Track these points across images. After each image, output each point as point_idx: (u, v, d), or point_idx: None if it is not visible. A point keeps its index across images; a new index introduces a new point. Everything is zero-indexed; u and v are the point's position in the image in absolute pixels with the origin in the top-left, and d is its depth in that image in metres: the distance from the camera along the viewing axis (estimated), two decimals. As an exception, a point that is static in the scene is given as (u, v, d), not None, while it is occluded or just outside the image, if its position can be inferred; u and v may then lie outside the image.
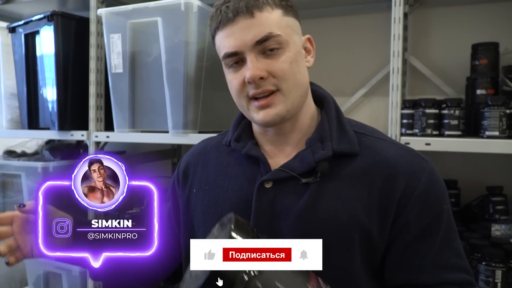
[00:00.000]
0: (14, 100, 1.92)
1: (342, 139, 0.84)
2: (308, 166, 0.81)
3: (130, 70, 1.55)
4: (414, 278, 0.79)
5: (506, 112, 1.24)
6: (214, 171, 0.92)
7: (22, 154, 1.97)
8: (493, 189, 1.54)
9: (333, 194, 0.80)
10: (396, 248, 0.80)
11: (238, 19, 0.77)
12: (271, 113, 0.79)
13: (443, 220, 0.80)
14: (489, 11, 1.68)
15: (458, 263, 0.81)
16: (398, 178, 0.79)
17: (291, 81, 0.80)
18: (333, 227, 0.77)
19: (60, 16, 1.63)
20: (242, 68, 0.80)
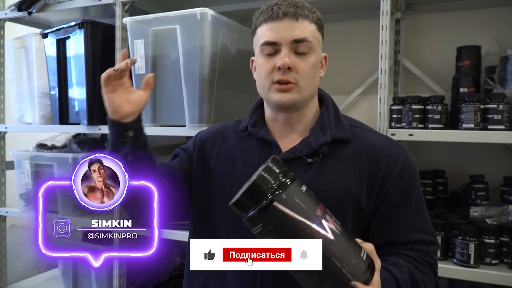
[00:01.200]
0: (46, 99, 2.12)
1: (339, 128, 1.03)
2: (312, 149, 1.00)
3: (152, 71, 1.74)
4: (392, 237, 1.00)
5: (480, 107, 1.43)
6: (233, 149, 1.08)
7: (52, 147, 2.18)
8: (475, 177, 1.71)
9: (332, 172, 0.99)
10: (379, 214, 1.00)
11: (285, 19, 0.96)
12: (286, 97, 0.97)
13: (415, 193, 1.01)
14: (474, 17, 1.86)
15: (425, 227, 1.02)
16: (382, 160, 0.99)
17: (307, 81, 0.99)
18: (331, 197, 0.95)
19: (90, 23, 1.84)
20: (274, 57, 0.98)
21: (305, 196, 0.79)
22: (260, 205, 0.77)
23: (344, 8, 2.00)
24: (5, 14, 2.13)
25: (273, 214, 0.76)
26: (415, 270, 0.95)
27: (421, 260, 0.97)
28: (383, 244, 0.99)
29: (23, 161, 2.09)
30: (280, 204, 0.76)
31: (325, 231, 0.76)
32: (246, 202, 0.79)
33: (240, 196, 0.80)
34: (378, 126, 1.45)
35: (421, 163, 1.97)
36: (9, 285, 2.24)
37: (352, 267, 0.76)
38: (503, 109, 1.39)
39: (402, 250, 0.98)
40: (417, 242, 0.99)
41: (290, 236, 0.77)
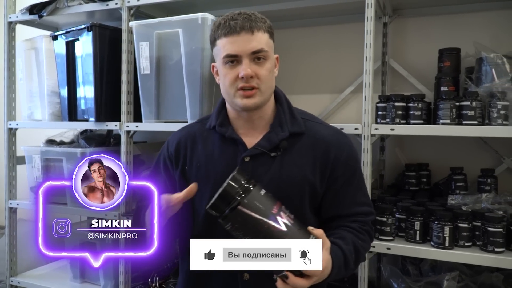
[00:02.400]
0: (55, 97, 2.25)
1: (294, 123, 1.21)
2: (274, 144, 1.18)
3: (156, 72, 1.88)
4: (339, 211, 1.21)
5: (456, 104, 1.57)
6: (202, 151, 1.24)
7: (61, 143, 2.30)
8: (455, 169, 1.86)
9: (291, 163, 1.18)
10: (329, 193, 1.21)
11: (242, 32, 1.11)
12: (251, 101, 1.14)
13: (356, 174, 1.24)
14: (455, 22, 2.01)
15: (365, 200, 1.25)
16: (331, 150, 1.20)
17: (267, 84, 1.15)
18: (291, 184, 1.16)
19: (98, 27, 1.97)
20: (236, 67, 1.13)
21: (263, 199, 0.99)
22: (228, 208, 0.97)
23: (336, 12, 2.13)
24: (17, 17, 2.26)
25: (238, 215, 0.96)
26: (357, 239, 1.15)
27: (361, 229, 1.19)
28: (332, 216, 1.22)
29: (33, 156, 2.22)
30: (243, 207, 0.96)
31: (279, 225, 0.96)
32: (218, 205, 0.98)
33: (214, 200, 0.98)
34: (363, 121, 1.58)
35: (407, 157, 2.11)
36: (19, 274, 2.37)
37: None
38: (476, 106, 1.54)
39: (347, 222, 1.19)
40: (358, 214, 1.21)
41: (253, 231, 0.96)
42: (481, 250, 1.51)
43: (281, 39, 2.29)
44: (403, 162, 2.09)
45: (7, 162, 2.31)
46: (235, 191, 0.97)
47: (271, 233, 0.96)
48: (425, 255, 1.55)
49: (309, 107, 1.46)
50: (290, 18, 2.25)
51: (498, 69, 1.64)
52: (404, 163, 2.04)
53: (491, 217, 1.50)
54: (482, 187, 1.80)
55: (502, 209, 1.60)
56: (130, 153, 2.02)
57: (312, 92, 2.29)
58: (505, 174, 1.93)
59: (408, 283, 1.65)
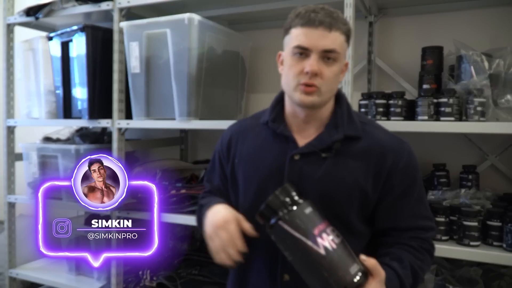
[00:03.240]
0: (51, 96, 2.32)
1: (351, 126, 1.14)
2: (326, 144, 1.11)
3: (146, 71, 1.94)
4: (396, 224, 1.13)
5: (433, 101, 1.60)
6: (253, 145, 1.20)
7: (57, 140, 2.38)
8: (438, 166, 1.89)
9: (343, 165, 1.10)
10: (385, 203, 1.12)
11: (320, 27, 1.05)
12: (309, 99, 1.07)
13: (417, 184, 1.14)
14: (439, 20, 2.04)
15: (426, 214, 1.16)
16: (388, 156, 1.11)
17: (329, 87, 1.09)
18: (341, 188, 1.09)
19: (90, 28, 2.04)
20: (304, 60, 1.06)
21: (307, 217, 0.96)
22: (270, 220, 0.97)
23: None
24: (15, 18, 2.34)
25: (279, 230, 0.96)
26: (415, 259, 1.08)
27: (420, 248, 1.11)
28: (388, 229, 1.14)
29: (30, 152, 2.29)
30: (284, 223, 0.95)
31: (317, 247, 0.93)
32: (263, 215, 0.99)
33: (261, 209, 0.99)
34: (342, 118, 1.63)
35: (393, 154, 2.14)
36: (18, 266, 2.44)
37: (338, 278, 0.92)
38: (453, 102, 1.57)
39: (405, 239, 1.11)
40: (418, 229, 1.13)
41: (291, 248, 0.96)
42: (457, 244, 1.55)
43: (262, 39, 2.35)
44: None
45: (6, 159, 2.38)
46: (280, 204, 0.97)
47: (308, 254, 0.93)
48: (403, 248, 1.58)
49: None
50: (278, 18, 2.30)
51: (477, 67, 1.67)
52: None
53: (467, 211, 1.53)
54: (463, 183, 1.83)
55: (480, 204, 1.63)
56: (122, 150, 2.08)
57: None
58: (489, 171, 1.96)
59: (387, 276, 1.69)
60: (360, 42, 2.16)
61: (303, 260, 0.95)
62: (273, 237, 0.98)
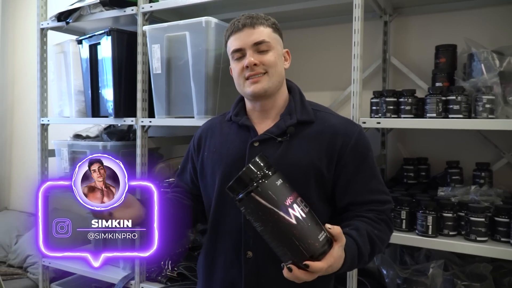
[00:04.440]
0: (81, 96, 2.46)
1: (303, 112, 1.26)
2: (281, 129, 1.23)
3: (166, 71, 2.04)
4: (353, 199, 1.22)
5: (442, 99, 1.63)
6: (219, 139, 1.34)
7: (87, 137, 2.52)
8: (451, 163, 1.91)
9: (298, 147, 1.22)
10: (340, 181, 1.22)
11: (244, 29, 1.22)
12: (258, 87, 1.21)
13: (369, 161, 1.24)
14: (453, 19, 2.06)
15: (380, 188, 1.24)
16: (338, 137, 1.22)
17: (274, 69, 1.22)
18: (297, 168, 1.19)
19: (116, 31, 2.16)
20: (242, 60, 1.23)
21: (278, 189, 0.99)
22: (242, 192, 0.99)
23: (339, 12, 2.22)
24: (47, 23, 2.49)
25: (251, 201, 0.98)
26: (372, 229, 1.15)
27: (377, 219, 1.18)
28: (347, 205, 1.23)
29: (62, 149, 2.44)
30: (256, 194, 0.98)
31: (289, 217, 0.96)
32: (235, 188, 1.01)
33: (232, 182, 1.01)
34: (352, 115, 1.67)
35: (409, 152, 2.17)
36: (51, 256, 2.60)
37: (308, 245, 0.97)
38: (461, 100, 1.59)
39: (362, 211, 1.19)
40: (373, 202, 1.21)
41: (262, 219, 0.98)
42: (465, 239, 1.57)
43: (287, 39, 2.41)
44: (404, 156, 2.15)
45: (40, 155, 2.54)
46: (252, 176, 0.99)
47: (279, 224, 0.96)
48: (411, 242, 1.62)
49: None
50: (296, 19, 2.37)
51: (487, 64, 1.69)
52: (403, 157, 2.10)
53: (474, 207, 1.55)
54: (476, 181, 1.85)
55: (489, 200, 1.65)
56: (145, 146, 2.19)
57: (315, 89, 2.39)
58: (505, 169, 1.96)
59: (396, 270, 1.73)
60: (375, 41, 2.20)
61: (274, 230, 0.98)
62: (244, 209, 1.00)
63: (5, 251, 3.11)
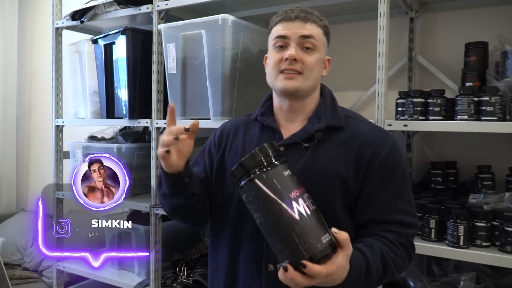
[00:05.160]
0: (96, 96, 2.42)
1: (333, 116, 1.17)
2: (308, 134, 1.14)
3: (182, 71, 1.97)
4: (374, 216, 1.12)
5: (474, 100, 1.53)
6: (243, 139, 1.24)
7: (102, 138, 2.48)
8: (482, 167, 1.80)
9: (324, 155, 1.12)
10: (364, 195, 1.12)
11: (296, 20, 1.13)
12: (291, 84, 1.12)
13: (398, 178, 1.13)
14: (484, 15, 1.94)
15: (406, 209, 1.12)
16: (369, 147, 1.12)
17: (311, 72, 1.14)
18: (323, 177, 1.10)
19: (131, 30, 2.10)
20: (283, 51, 1.13)
21: (284, 179, 0.92)
22: (245, 178, 0.93)
23: (364, 9, 2.12)
24: (62, 23, 2.45)
25: (253, 188, 0.91)
26: (388, 250, 1.04)
27: (396, 242, 1.07)
28: (367, 222, 1.12)
29: (76, 150, 2.40)
30: (260, 181, 0.91)
31: (292, 211, 0.89)
32: (238, 173, 0.96)
33: (235, 167, 0.96)
34: (376, 117, 1.58)
35: (436, 155, 2.06)
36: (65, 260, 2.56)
37: (308, 245, 0.88)
38: (495, 101, 1.48)
39: (381, 231, 1.08)
40: (396, 223, 1.09)
41: (263, 209, 0.90)
42: (499, 250, 1.46)
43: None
44: (431, 159, 2.04)
45: (55, 157, 2.51)
46: (257, 162, 0.93)
47: (280, 217, 0.89)
48: (440, 253, 1.52)
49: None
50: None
51: (524, 63, 1.58)
52: (431, 161, 1.99)
53: (510, 217, 1.44)
54: (510, 187, 1.72)
55: (526, 209, 1.54)
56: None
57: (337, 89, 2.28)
58: (541, 174, 1.84)
59: (424, 282, 1.63)
60: (401, 38, 2.09)
61: (274, 223, 0.90)
62: (245, 197, 0.93)
63: (21, 254, 3.10)
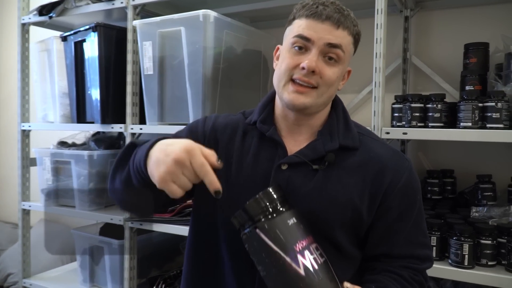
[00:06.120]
0: (66, 99, 2.22)
1: (347, 135, 1.01)
2: (319, 154, 0.98)
3: (159, 72, 1.80)
4: (389, 250, 1.00)
5: (478, 106, 1.40)
6: (238, 147, 1.04)
7: (72, 144, 2.29)
8: (482, 177, 1.68)
9: (336, 180, 0.97)
10: (378, 226, 0.99)
11: (326, 22, 0.93)
12: (300, 100, 0.94)
13: (416, 208, 1.01)
14: (484, 14, 1.82)
15: (423, 241, 1.02)
16: (386, 173, 0.98)
17: (328, 89, 0.96)
18: (333, 206, 0.96)
19: (103, 27, 1.92)
20: (302, 55, 0.94)
21: (289, 229, 0.82)
22: (247, 226, 0.83)
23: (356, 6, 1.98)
24: (29, 18, 2.25)
25: (255, 239, 0.82)
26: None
27: (412, 280, 0.97)
28: (380, 255, 1.01)
29: (44, 158, 2.20)
30: (262, 231, 0.81)
31: (297, 266, 0.79)
32: (239, 219, 0.85)
33: (237, 212, 0.85)
34: (373, 124, 1.44)
35: (431, 162, 1.94)
36: (32, 276, 2.37)
37: None
38: (502, 107, 1.36)
39: (396, 267, 0.98)
40: (412, 257, 1.00)
41: (265, 262, 0.81)
42: (506, 270, 1.34)
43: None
44: (426, 168, 1.92)
45: (20, 164, 2.31)
46: (261, 209, 0.83)
47: (283, 272, 0.79)
48: (443, 274, 1.38)
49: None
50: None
51: (530, 66, 1.46)
52: (427, 169, 1.87)
53: (518, 234, 1.32)
54: (512, 198, 1.61)
55: (533, 224, 1.42)
56: (136, 156, 1.96)
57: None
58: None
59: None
60: (394, 39, 1.96)
61: (278, 278, 0.80)
62: (247, 246, 0.84)
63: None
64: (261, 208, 0.83)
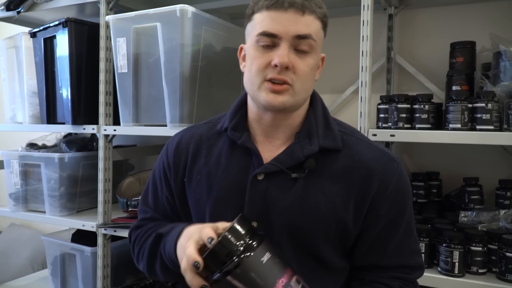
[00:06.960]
0: (36, 98, 2.10)
1: (328, 135, 0.93)
2: (297, 160, 0.90)
3: (134, 70, 1.71)
4: (379, 261, 0.94)
5: (468, 106, 1.34)
6: (206, 161, 0.98)
7: (43, 146, 2.17)
8: (469, 180, 1.63)
9: (318, 189, 0.90)
10: (367, 236, 0.93)
11: (290, 10, 0.84)
12: (278, 100, 0.86)
13: (406, 214, 0.95)
14: (470, 12, 1.78)
15: (414, 248, 0.97)
16: (373, 178, 0.90)
17: (304, 85, 0.88)
18: (315, 218, 0.89)
19: (74, 22, 1.81)
20: (271, 51, 0.86)
21: (264, 269, 0.73)
22: (217, 273, 0.73)
23: (339, 3, 1.92)
24: (-4, 13, 2.13)
25: (227, 287, 0.72)
26: None
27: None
28: (369, 266, 0.95)
29: (12, 160, 2.08)
30: (234, 278, 0.71)
31: None
32: (208, 266, 0.74)
33: (205, 254, 0.75)
34: (359, 126, 1.38)
35: (416, 165, 1.89)
36: (0, 284, 2.24)
37: None
38: (492, 108, 1.31)
39: (386, 278, 0.93)
40: (403, 267, 0.95)
41: None
42: (498, 278, 1.28)
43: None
44: (411, 170, 1.86)
45: (-14, 167, 2.18)
46: (230, 250, 0.73)
47: None
48: (432, 283, 1.32)
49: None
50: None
51: (520, 65, 1.41)
52: (412, 172, 1.82)
53: (510, 240, 1.27)
54: (500, 201, 1.56)
55: (523, 228, 1.37)
56: (109, 159, 1.86)
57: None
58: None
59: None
60: (378, 37, 1.91)
61: None
62: None
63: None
64: (231, 249, 0.72)
